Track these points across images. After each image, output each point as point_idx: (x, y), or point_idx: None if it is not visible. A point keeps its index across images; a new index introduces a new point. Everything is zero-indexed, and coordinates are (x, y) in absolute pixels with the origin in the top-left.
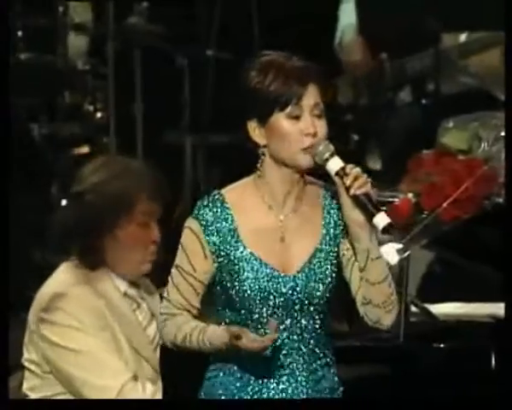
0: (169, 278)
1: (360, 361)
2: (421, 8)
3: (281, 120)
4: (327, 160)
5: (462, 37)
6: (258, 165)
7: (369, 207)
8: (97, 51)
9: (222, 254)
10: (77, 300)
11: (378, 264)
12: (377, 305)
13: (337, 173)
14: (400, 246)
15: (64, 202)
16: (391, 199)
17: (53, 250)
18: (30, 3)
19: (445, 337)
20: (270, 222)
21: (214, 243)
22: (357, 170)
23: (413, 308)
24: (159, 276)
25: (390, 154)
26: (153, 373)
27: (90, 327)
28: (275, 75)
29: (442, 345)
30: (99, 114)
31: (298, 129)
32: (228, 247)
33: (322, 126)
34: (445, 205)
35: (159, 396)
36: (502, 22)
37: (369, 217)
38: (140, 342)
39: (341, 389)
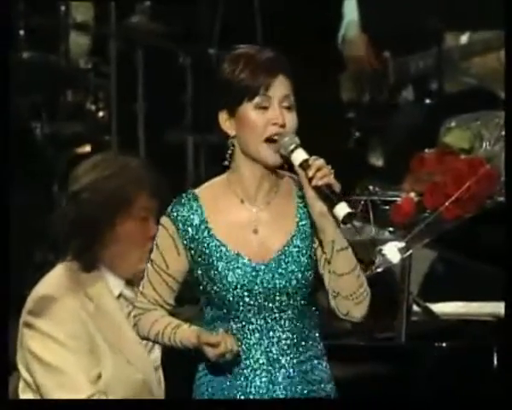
0: (144, 273)
1: (362, 360)
2: (424, 7)
3: (249, 109)
4: (292, 151)
5: (464, 37)
6: (227, 156)
7: (331, 198)
8: (99, 50)
9: (196, 250)
10: (62, 306)
11: (344, 255)
12: (346, 297)
13: (301, 165)
14: (402, 245)
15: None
16: (393, 198)
17: (52, 250)
18: (32, 3)
19: (447, 336)
20: (242, 215)
21: (187, 240)
22: (321, 161)
23: (415, 307)
24: None
25: (392, 152)
26: (142, 380)
27: (67, 338)
28: (244, 65)
29: (444, 344)
30: (101, 113)
31: (265, 119)
32: (201, 242)
33: (291, 119)
34: (447, 204)
35: None
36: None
37: (332, 208)
38: (127, 348)
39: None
